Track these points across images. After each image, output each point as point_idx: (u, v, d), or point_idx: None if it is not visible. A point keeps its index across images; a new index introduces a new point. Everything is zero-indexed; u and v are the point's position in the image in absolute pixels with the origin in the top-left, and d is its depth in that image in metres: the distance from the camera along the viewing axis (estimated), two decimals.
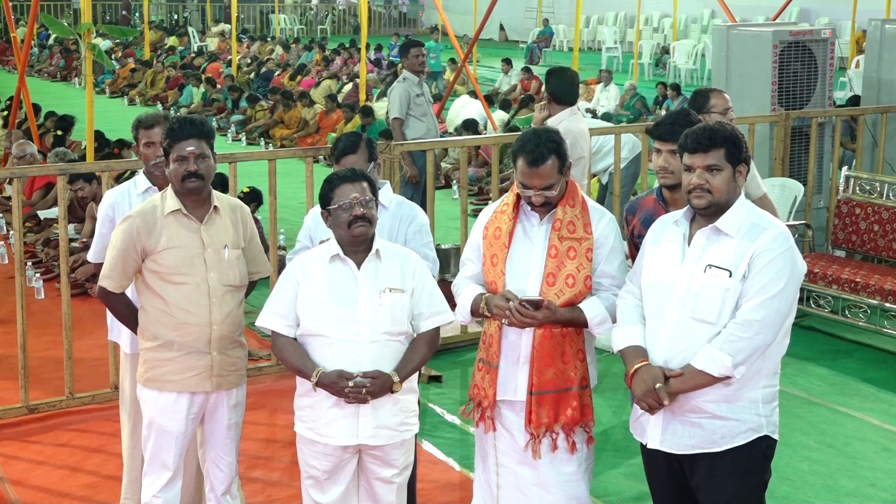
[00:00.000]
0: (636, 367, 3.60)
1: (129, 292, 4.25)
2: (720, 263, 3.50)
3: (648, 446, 3.69)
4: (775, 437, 3.63)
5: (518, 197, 3.97)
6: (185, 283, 4.02)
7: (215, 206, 4.11)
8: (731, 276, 3.47)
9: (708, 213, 3.56)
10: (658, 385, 3.50)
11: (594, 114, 16.54)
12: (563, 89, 6.37)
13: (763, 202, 5.01)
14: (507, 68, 21.42)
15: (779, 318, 3.48)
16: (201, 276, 4.04)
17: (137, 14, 28.03)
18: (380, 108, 14.51)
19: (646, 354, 3.62)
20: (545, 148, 3.83)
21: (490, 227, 4.02)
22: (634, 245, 4.26)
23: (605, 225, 3.96)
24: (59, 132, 12.57)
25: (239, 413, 4.25)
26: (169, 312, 4.04)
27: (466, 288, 4.04)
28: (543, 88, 6.53)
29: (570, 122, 6.15)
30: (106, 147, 11.48)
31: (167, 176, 4.10)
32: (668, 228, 3.69)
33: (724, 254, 3.51)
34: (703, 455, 3.57)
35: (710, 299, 3.49)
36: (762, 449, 3.59)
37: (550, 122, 6.30)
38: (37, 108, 13.25)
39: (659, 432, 3.62)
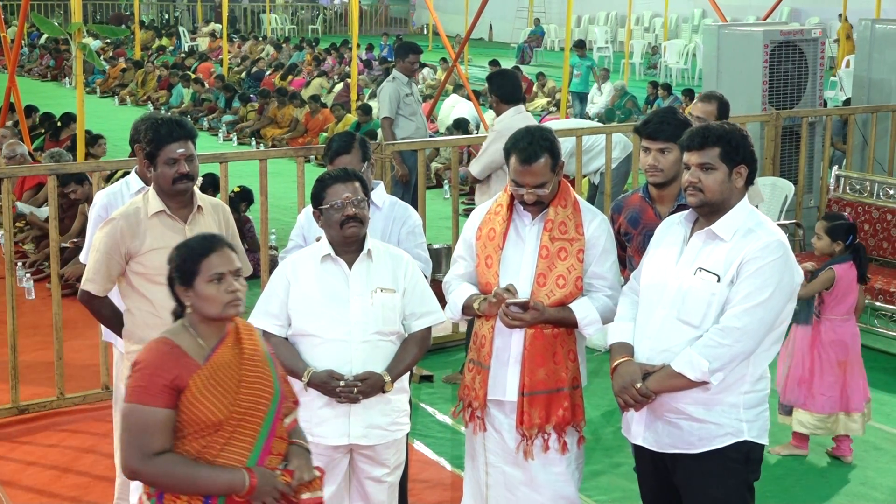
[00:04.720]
0: (617, 362, 3.61)
1: (112, 296, 4.21)
2: (711, 267, 3.47)
3: (632, 442, 3.71)
4: (762, 441, 3.58)
5: (511, 198, 3.97)
6: None
7: (199, 206, 4.10)
8: (719, 280, 3.45)
9: (704, 212, 3.55)
10: (639, 385, 3.50)
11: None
12: (507, 89, 6.53)
13: None
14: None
15: (762, 327, 3.43)
16: None
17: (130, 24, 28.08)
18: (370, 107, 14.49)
19: (631, 351, 3.63)
20: (538, 146, 3.83)
21: (484, 228, 4.01)
22: (621, 244, 4.27)
23: (596, 226, 3.96)
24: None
25: None
26: (156, 314, 4.00)
27: (459, 287, 4.04)
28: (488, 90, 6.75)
29: (515, 120, 6.23)
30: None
31: (152, 178, 4.06)
32: (672, 229, 3.69)
33: (716, 258, 3.49)
34: (683, 455, 3.57)
35: (697, 302, 3.48)
36: (744, 452, 3.54)
37: (497, 121, 6.44)
38: (28, 109, 13.22)
39: (642, 429, 3.64)
